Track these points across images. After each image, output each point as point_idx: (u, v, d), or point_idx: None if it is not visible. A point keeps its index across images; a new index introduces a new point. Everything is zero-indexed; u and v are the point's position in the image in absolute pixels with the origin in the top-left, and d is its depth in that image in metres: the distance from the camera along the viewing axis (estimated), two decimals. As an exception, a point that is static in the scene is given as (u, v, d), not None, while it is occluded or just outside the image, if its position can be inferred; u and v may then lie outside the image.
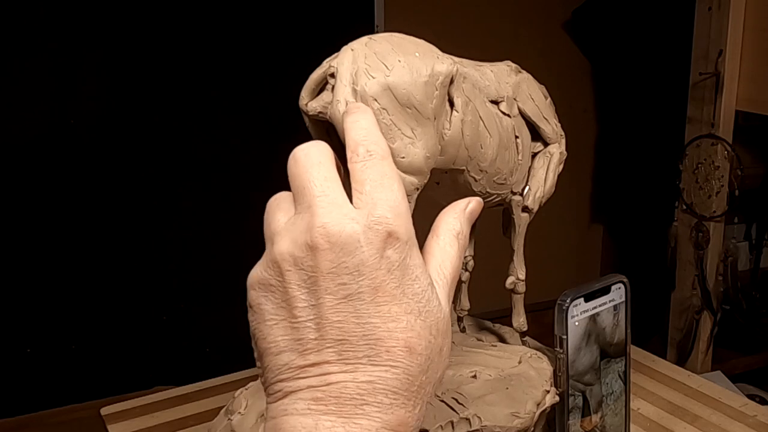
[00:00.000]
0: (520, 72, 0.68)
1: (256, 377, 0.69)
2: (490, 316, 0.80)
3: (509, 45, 2.28)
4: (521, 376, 0.67)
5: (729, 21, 1.66)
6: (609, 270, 1.46)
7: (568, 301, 0.65)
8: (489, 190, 0.63)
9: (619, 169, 2.63)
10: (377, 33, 0.55)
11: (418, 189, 0.54)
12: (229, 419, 0.64)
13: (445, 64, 0.53)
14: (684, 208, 1.83)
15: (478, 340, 0.75)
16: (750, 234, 2.03)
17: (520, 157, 0.65)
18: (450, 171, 0.59)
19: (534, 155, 0.69)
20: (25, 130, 1.67)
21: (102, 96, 1.73)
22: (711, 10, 1.70)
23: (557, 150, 0.69)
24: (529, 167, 0.68)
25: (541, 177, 0.68)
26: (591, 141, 2.67)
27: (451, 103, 0.56)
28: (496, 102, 0.63)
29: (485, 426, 0.61)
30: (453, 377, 0.66)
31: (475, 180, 0.61)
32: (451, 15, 2.30)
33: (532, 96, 0.67)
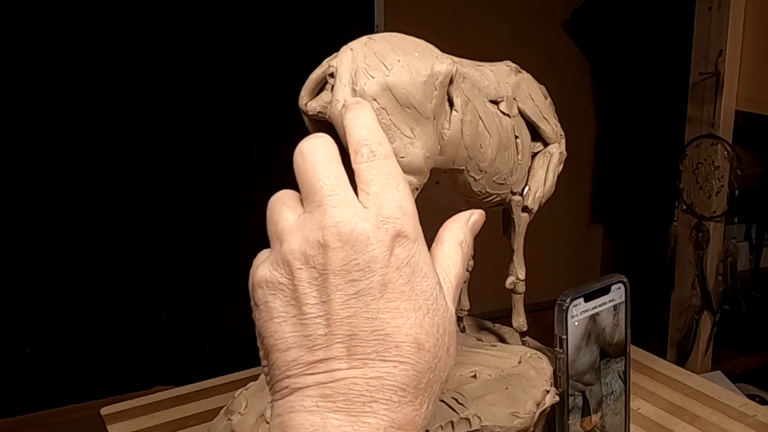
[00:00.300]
0: (520, 72, 0.68)
1: (256, 377, 0.70)
2: (490, 316, 0.80)
3: (509, 45, 2.28)
4: (521, 376, 0.67)
5: (729, 21, 1.66)
6: (609, 270, 1.45)
7: (568, 301, 0.65)
8: (489, 189, 0.63)
9: (619, 169, 2.63)
10: (377, 33, 0.55)
11: (417, 189, 0.54)
12: (229, 419, 0.64)
13: (444, 63, 0.53)
14: (684, 208, 1.83)
15: (478, 340, 0.75)
16: (750, 234, 2.03)
17: (520, 157, 0.65)
18: (449, 171, 0.59)
19: (534, 155, 0.69)
20: (25, 130, 1.67)
21: (102, 96, 1.73)
22: (711, 10, 1.70)
23: (557, 150, 0.69)
24: (529, 167, 0.68)
25: (541, 177, 0.68)
26: (591, 141, 2.67)
27: (451, 103, 0.56)
28: (495, 102, 0.63)
29: (485, 426, 0.61)
30: (453, 377, 0.66)
31: (475, 180, 0.61)
32: (451, 15, 2.30)
33: (532, 96, 0.67)
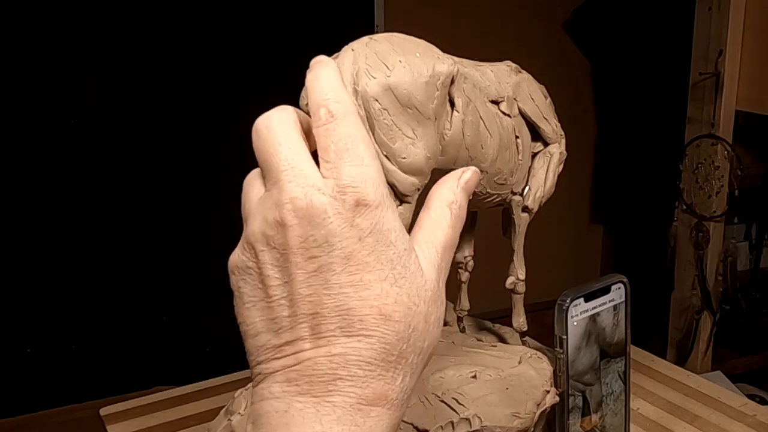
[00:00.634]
0: (520, 72, 0.68)
1: (256, 377, 0.70)
2: (490, 316, 0.80)
3: (509, 45, 2.28)
4: (521, 377, 0.67)
5: (729, 21, 1.66)
6: (609, 270, 1.46)
7: (568, 301, 0.65)
8: (489, 190, 0.63)
9: (619, 169, 2.63)
10: (377, 33, 0.55)
11: (419, 190, 0.53)
12: (229, 419, 0.64)
13: (445, 64, 0.53)
14: (684, 208, 1.83)
15: (478, 340, 0.75)
16: (750, 234, 2.03)
17: (521, 157, 0.65)
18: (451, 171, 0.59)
19: (534, 155, 0.69)
20: (25, 130, 1.67)
21: (102, 96, 1.73)
22: (711, 10, 1.70)
23: (557, 150, 0.69)
24: (529, 167, 0.68)
25: (541, 177, 0.68)
26: (591, 141, 2.67)
27: (452, 104, 0.56)
28: (496, 102, 0.63)
29: (485, 426, 0.61)
30: (453, 377, 0.66)
31: (476, 180, 0.61)
32: (451, 15, 2.30)
33: (532, 96, 0.67)
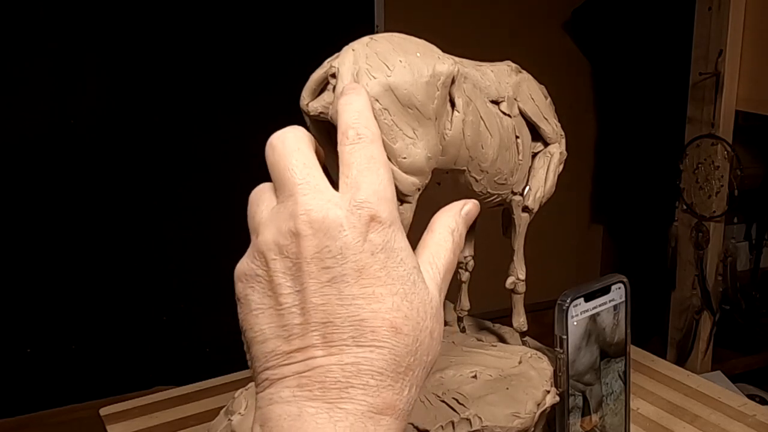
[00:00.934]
0: (520, 72, 0.68)
1: (256, 377, 0.70)
2: (490, 316, 0.80)
3: (509, 45, 2.28)
4: (521, 376, 0.67)
5: (729, 21, 1.66)
6: (609, 270, 1.46)
7: (568, 301, 0.65)
8: (489, 190, 0.63)
9: (619, 169, 2.63)
10: (377, 33, 0.55)
11: (419, 189, 0.53)
12: (229, 419, 0.64)
13: (446, 64, 0.53)
14: (684, 208, 1.83)
15: (478, 340, 0.75)
16: (750, 234, 2.03)
17: (521, 157, 0.65)
18: (451, 171, 0.59)
19: (534, 155, 0.69)
20: (25, 130, 1.67)
21: (102, 96, 1.73)
22: (711, 10, 1.70)
23: (557, 150, 0.69)
24: (530, 167, 0.68)
25: (542, 177, 0.68)
26: (591, 141, 2.67)
27: (453, 104, 0.56)
28: (496, 102, 0.63)
29: (486, 426, 0.61)
30: (453, 377, 0.66)
31: (476, 180, 0.61)
32: (451, 15, 2.30)
33: (533, 96, 0.67)
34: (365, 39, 0.52)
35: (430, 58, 0.53)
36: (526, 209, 0.69)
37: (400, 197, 0.53)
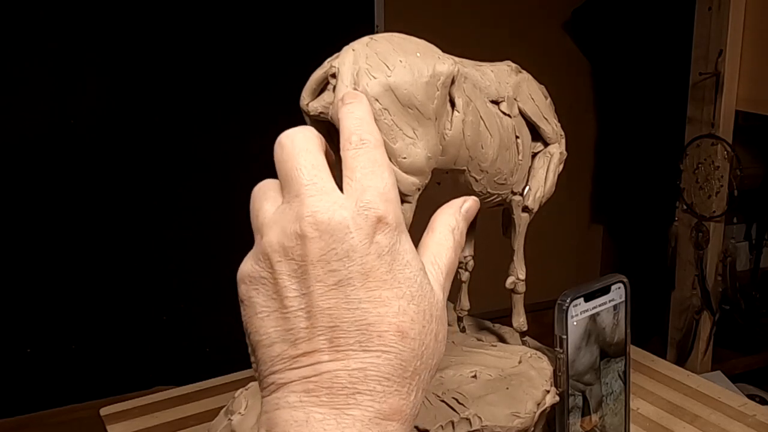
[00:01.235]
0: (520, 72, 0.68)
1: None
2: (490, 316, 0.80)
3: (509, 45, 2.28)
4: (521, 376, 0.67)
5: (729, 21, 1.66)
6: (609, 270, 1.46)
7: (568, 301, 0.65)
8: (489, 190, 0.63)
9: (619, 169, 2.63)
10: (377, 33, 0.55)
11: (419, 189, 0.53)
12: (229, 419, 0.64)
13: (446, 64, 0.53)
14: (684, 208, 1.83)
15: (478, 340, 0.75)
16: (750, 234, 2.03)
17: (521, 157, 0.65)
18: (451, 171, 0.59)
19: (534, 155, 0.69)
20: (25, 130, 1.67)
21: (102, 96, 1.73)
22: (711, 10, 1.70)
23: (557, 150, 0.69)
24: (530, 167, 0.68)
25: (542, 177, 0.68)
26: (591, 141, 2.67)
27: (452, 104, 0.56)
28: (496, 102, 0.63)
29: (486, 426, 0.61)
30: (453, 377, 0.66)
31: (476, 180, 0.61)
32: (451, 15, 2.30)
33: (533, 96, 0.67)
34: (365, 39, 0.52)
35: (430, 58, 0.53)
36: (526, 209, 0.69)
37: (401, 197, 0.53)
